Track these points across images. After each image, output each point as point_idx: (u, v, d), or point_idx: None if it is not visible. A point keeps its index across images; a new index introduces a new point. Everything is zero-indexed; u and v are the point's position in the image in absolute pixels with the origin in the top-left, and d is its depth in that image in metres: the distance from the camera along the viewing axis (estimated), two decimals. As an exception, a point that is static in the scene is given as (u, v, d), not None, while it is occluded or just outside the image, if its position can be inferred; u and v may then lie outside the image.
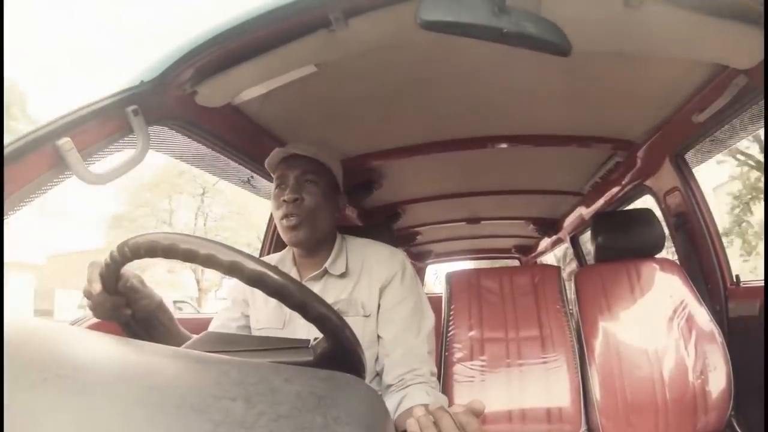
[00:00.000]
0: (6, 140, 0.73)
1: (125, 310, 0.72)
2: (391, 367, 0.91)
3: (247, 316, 1.03)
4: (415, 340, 0.93)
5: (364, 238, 1.06)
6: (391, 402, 0.86)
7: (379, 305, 0.96)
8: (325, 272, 0.98)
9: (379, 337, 0.95)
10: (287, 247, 1.06)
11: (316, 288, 0.97)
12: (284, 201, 0.94)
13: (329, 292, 0.97)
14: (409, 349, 0.91)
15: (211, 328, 1.02)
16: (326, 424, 0.30)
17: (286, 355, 0.53)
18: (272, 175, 1.01)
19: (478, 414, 0.51)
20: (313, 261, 1.00)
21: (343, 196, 1.06)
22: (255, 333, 1.00)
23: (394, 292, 0.96)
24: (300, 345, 0.55)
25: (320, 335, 0.53)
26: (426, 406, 0.54)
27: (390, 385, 0.90)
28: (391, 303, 0.95)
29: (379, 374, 0.94)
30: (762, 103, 1.10)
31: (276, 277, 0.49)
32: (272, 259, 1.07)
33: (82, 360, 0.38)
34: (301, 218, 0.93)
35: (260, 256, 1.59)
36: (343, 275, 0.98)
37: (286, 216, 0.94)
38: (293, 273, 1.01)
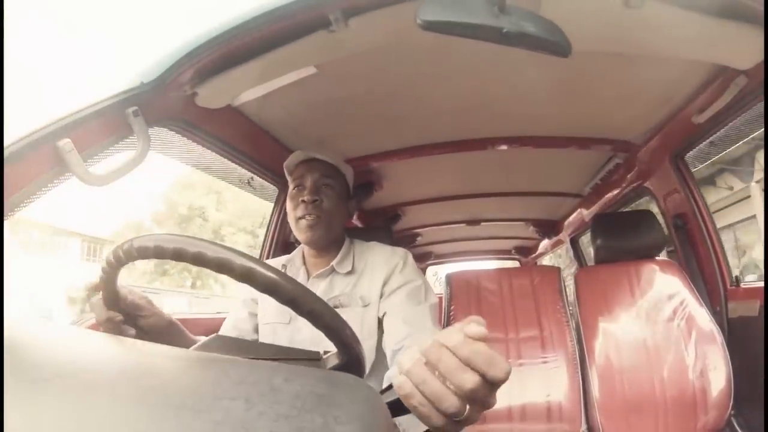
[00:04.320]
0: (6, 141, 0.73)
1: (129, 327, 0.71)
2: (392, 334, 0.90)
3: (255, 315, 1.05)
4: (416, 308, 0.93)
5: (370, 242, 1.09)
6: (389, 373, 0.83)
7: (381, 294, 0.97)
8: (332, 270, 1.02)
9: (384, 315, 0.95)
10: (294, 250, 1.10)
11: (323, 284, 1.01)
12: (303, 201, 0.98)
13: (335, 287, 1.01)
14: (410, 315, 0.91)
15: (222, 330, 1.03)
16: (326, 423, 0.30)
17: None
18: (288, 176, 1.06)
19: (476, 337, 0.37)
20: (322, 260, 1.04)
21: (353, 203, 1.10)
22: (262, 327, 1.03)
23: (396, 279, 0.98)
24: (311, 357, 0.55)
25: (329, 344, 0.52)
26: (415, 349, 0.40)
27: (392, 352, 0.89)
28: (394, 287, 0.97)
29: (378, 367, 0.94)
30: (762, 103, 1.10)
31: (268, 273, 0.48)
32: (281, 260, 1.10)
33: (82, 360, 0.38)
34: (319, 218, 0.98)
35: (261, 258, 1.59)
36: (348, 273, 1.02)
37: (304, 216, 0.98)
38: (302, 271, 1.05)
